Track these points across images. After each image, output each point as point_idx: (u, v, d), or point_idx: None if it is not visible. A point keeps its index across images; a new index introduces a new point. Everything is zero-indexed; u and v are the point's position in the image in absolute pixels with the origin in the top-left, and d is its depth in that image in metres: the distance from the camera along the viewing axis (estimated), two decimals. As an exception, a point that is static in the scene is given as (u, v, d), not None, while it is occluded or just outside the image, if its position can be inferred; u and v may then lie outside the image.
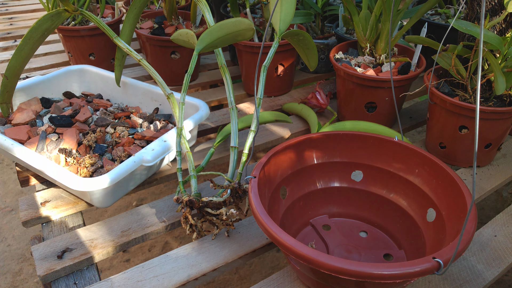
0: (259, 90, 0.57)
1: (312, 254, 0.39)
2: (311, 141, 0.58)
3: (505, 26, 0.63)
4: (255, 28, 0.90)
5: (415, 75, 0.74)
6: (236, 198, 0.55)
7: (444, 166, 0.51)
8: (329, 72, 1.06)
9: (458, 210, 0.47)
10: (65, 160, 0.64)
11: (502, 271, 0.53)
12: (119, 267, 1.16)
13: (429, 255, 0.38)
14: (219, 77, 1.02)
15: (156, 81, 0.65)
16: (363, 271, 0.37)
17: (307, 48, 0.67)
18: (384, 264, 0.38)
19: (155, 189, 1.40)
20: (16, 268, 1.15)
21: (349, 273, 0.37)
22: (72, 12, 0.63)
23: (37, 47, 0.66)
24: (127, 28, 0.72)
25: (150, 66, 0.65)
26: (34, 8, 1.46)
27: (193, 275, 0.51)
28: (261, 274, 1.13)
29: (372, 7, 0.79)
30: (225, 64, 0.64)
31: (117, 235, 0.57)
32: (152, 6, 1.18)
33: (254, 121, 0.56)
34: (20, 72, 0.67)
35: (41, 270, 0.51)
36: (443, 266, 0.37)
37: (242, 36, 0.60)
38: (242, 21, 0.58)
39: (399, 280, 0.38)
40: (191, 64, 0.60)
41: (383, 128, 0.72)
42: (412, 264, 0.38)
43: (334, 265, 0.38)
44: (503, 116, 0.62)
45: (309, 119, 0.80)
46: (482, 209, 1.31)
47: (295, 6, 0.61)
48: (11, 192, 1.41)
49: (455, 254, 0.38)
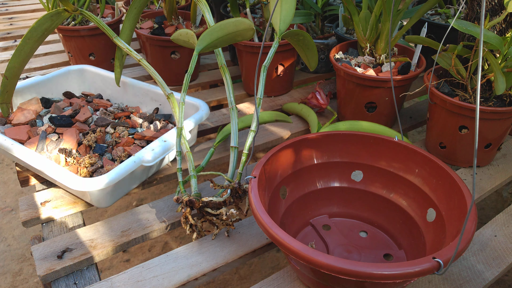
0: (259, 90, 0.57)
1: (312, 254, 0.39)
2: (311, 141, 0.58)
3: (505, 26, 0.63)
4: (255, 28, 0.90)
5: (415, 75, 0.74)
6: (236, 198, 0.55)
7: (444, 166, 0.51)
8: (329, 72, 1.06)
9: (458, 210, 0.47)
10: (65, 160, 0.64)
11: (502, 271, 0.53)
12: (119, 267, 1.16)
13: (429, 255, 0.38)
14: (219, 77, 1.02)
15: (156, 81, 0.65)
16: (363, 271, 0.37)
17: (307, 48, 0.67)
18: (384, 264, 0.38)
19: (155, 189, 1.40)
20: (16, 268, 1.15)
21: (349, 273, 0.37)
22: (72, 12, 0.63)
23: (37, 47, 0.66)
24: (127, 28, 0.72)
25: (150, 66, 0.65)
26: (34, 8, 1.46)
27: (193, 275, 0.51)
28: (261, 274, 1.13)
29: (372, 7, 0.79)
30: (225, 64, 0.64)
31: (117, 235, 0.57)
32: (152, 6, 1.18)
33: (254, 121, 0.56)
34: (20, 72, 0.67)
35: (41, 270, 0.51)
36: (443, 266, 0.37)
37: (242, 36, 0.60)
38: (242, 21, 0.58)
39: (399, 280, 0.38)
40: (191, 64, 0.60)
41: (383, 128, 0.72)
42: (412, 264, 0.38)
43: (334, 265, 0.38)
44: (503, 116, 0.62)
45: (309, 119, 0.80)
46: (482, 209, 1.31)
47: (295, 6, 0.61)
48: (11, 192, 1.41)
49: (455, 253, 0.38)
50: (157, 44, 0.90)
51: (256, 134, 0.63)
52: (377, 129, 0.72)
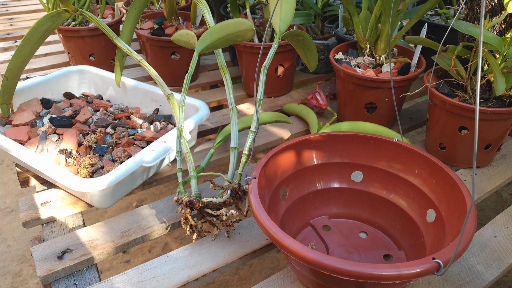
0: (259, 91, 0.57)
1: (312, 255, 0.39)
2: (311, 141, 0.58)
3: (505, 27, 0.63)
4: (255, 28, 0.90)
5: (415, 76, 0.74)
6: (236, 198, 0.55)
7: (444, 167, 0.51)
8: (329, 72, 1.06)
9: (458, 211, 0.47)
10: (65, 160, 0.64)
11: (502, 271, 0.53)
12: (119, 268, 1.16)
13: (429, 256, 0.38)
14: (219, 77, 1.02)
15: (156, 81, 0.65)
16: (363, 271, 0.37)
17: (307, 49, 0.67)
18: (384, 265, 0.38)
19: (155, 189, 1.40)
20: (16, 269, 1.15)
21: (349, 273, 0.37)
22: (72, 12, 0.63)
23: (37, 48, 0.66)
24: (127, 29, 0.73)
25: (150, 67, 0.65)
26: (34, 8, 1.46)
27: (193, 276, 0.51)
28: (261, 275, 1.13)
29: (372, 8, 0.79)
30: (225, 65, 0.64)
31: (117, 236, 0.57)
32: (152, 7, 1.18)
33: (254, 122, 0.56)
34: (20, 73, 0.67)
35: (41, 271, 0.51)
36: (443, 266, 0.37)
37: (242, 37, 0.60)
38: (243, 22, 0.58)
39: (399, 281, 0.38)
40: (191, 65, 0.60)
41: (382, 129, 0.72)
42: (412, 264, 0.38)
43: (334, 266, 0.38)
44: (502, 116, 0.62)
45: (309, 119, 0.80)
46: (482, 210, 1.31)
47: (295, 6, 0.61)
48: (11, 193, 1.41)
49: (455, 254, 0.38)
50: (157, 44, 0.90)
51: (256, 134, 0.63)
52: (379, 130, 0.72)
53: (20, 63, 0.65)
